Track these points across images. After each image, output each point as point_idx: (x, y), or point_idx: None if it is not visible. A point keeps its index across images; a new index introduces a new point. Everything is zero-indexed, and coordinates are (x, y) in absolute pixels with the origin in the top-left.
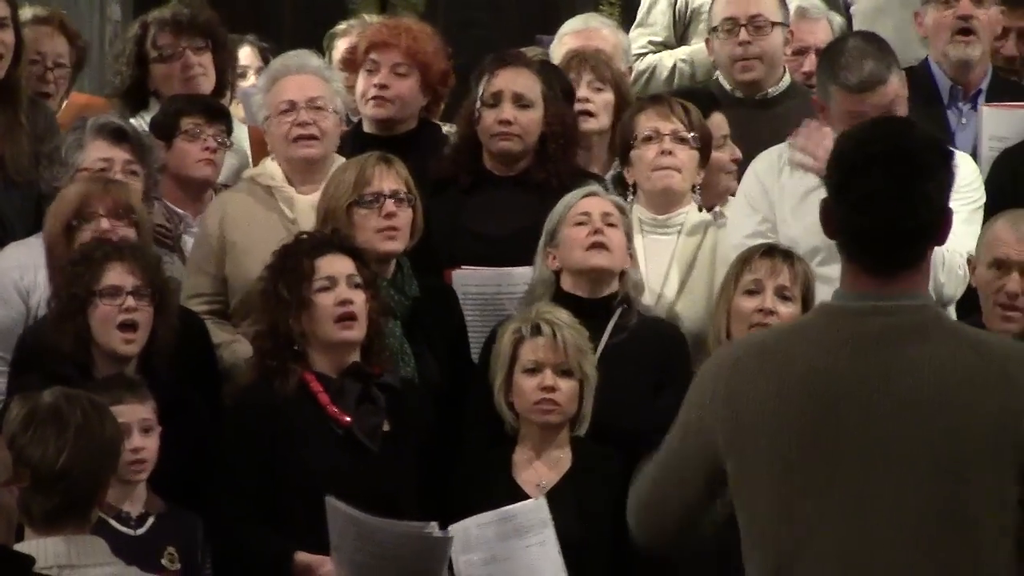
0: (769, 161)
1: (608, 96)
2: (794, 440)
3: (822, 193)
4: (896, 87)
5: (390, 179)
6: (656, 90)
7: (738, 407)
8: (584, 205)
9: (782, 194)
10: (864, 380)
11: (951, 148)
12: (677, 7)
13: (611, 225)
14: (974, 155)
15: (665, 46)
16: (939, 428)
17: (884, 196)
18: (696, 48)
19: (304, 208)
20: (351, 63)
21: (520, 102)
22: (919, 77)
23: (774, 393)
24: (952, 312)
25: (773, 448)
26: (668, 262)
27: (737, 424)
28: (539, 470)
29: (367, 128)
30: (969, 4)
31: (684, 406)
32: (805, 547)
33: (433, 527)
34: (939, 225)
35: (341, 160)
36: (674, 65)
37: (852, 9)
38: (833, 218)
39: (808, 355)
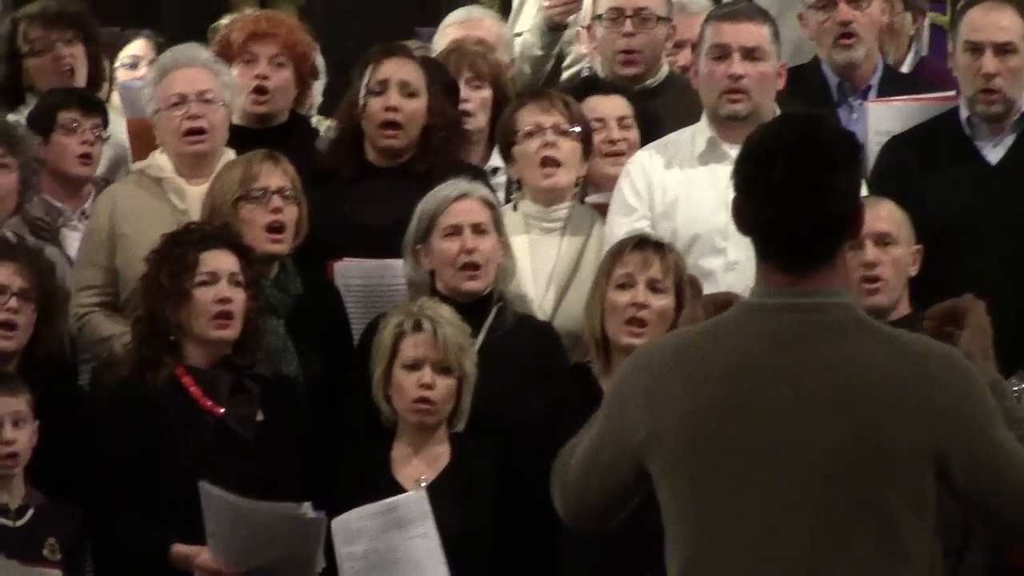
0: (648, 156)
1: (486, 93)
2: (710, 439)
3: (700, 186)
4: (763, 38)
5: (277, 176)
6: (522, 78)
7: (656, 409)
8: (453, 215)
9: (659, 189)
10: (779, 377)
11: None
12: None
13: (481, 233)
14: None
15: None
16: (855, 426)
17: (792, 189)
18: (533, 24)
19: (195, 199)
20: (224, 57)
21: (406, 90)
22: (809, 75)
23: (690, 393)
24: None
25: (689, 447)
26: (554, 259)
27: (655, 426)
28: (418, 467)
29: (238, 120)
30: (847, 9)
31: (604, 406)
32: (720, 545)
33: (307, 508)
34: (851, 219)
35: (230, 153)
36: (522, 46)
37: None
38: (743, 213)
39: (724, 354)
